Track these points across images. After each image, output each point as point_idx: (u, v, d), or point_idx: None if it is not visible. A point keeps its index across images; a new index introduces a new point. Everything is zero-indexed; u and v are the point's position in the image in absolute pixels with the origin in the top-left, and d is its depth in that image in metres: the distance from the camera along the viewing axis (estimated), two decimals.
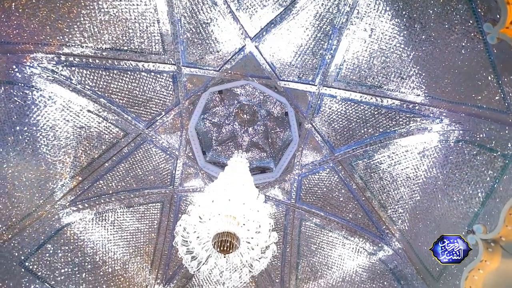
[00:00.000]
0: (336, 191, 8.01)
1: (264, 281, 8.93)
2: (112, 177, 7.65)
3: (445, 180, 5.75)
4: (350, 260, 7.98)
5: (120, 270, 7.86)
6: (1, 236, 5.84)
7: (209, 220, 4.27)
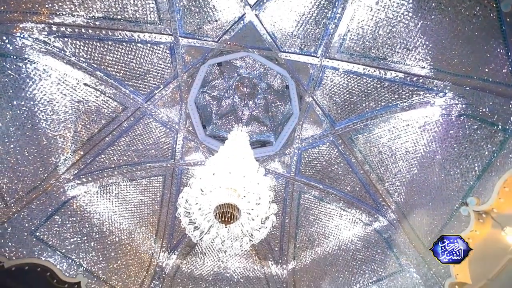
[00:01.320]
0: (335, 164, 8.12)
1: (264, 249, 9.42)
2: (114, 151, 7.72)
3: (444, 154, 5.80)
4: (346, 230, 8.34)
5: (126, 239, 8.26)
6: (10, 208, 6.05)
7: (210, 192, 4.38)
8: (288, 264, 9.20)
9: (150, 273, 8.53)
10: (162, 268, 8.79)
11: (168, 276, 8.77)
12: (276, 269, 9.22)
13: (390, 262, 7.15)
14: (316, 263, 8.66)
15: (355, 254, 7.95)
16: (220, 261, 9.28)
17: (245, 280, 9.11)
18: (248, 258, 9.44)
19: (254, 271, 9.27)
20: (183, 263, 9.13)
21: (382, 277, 7.11)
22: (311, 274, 8.62)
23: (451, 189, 5.68)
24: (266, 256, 9.40)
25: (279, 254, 9.34)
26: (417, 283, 6.41)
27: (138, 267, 8.31)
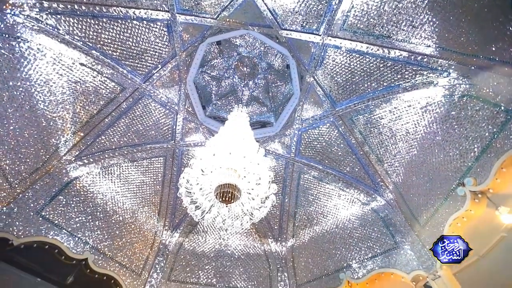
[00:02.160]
0: (335, 145, 8.14)
1: (264, 228, 9.71)
2: (114, 132, 7.72)
3: (444, 135, 5.80)
4: (344, 210, 8.54)
5: (130, 218, 8.49)
6: (15, 189, 6.16)
7: (211, 172, 4.43)
8: (287, 241, 9.53)
9: (154, 250, 8.86)
10: (166, 245, 9.12)
11: (172, 253, 9.12)
12: (276, 247, 9.56)
13: (386, 240, 7.39)
14: (314, 240, 8.96)
15: (352, 232, 8.20)
16: (221, 238, 9.61)
17: (245, 256, 9.47)
18: (249, 236, 9.76)
19: (254, 248, 9.62)
20: (185, 240, 9.46)
21: (377, 253, 7.38)
22: (309, 251, 8.95)
23: (449, 170, 5.74)
24: (266, 234, 9.71)
25: (279, 232, 9.64)
26: (410, 259, 6.66)
27: (142, 245, 8.61)
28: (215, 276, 8.93)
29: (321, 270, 8.30)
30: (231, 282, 8.88)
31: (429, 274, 6.14)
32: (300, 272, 8.81)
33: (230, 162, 4.40)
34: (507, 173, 4.74)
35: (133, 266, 8.12)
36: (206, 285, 8.71)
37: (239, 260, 9.38)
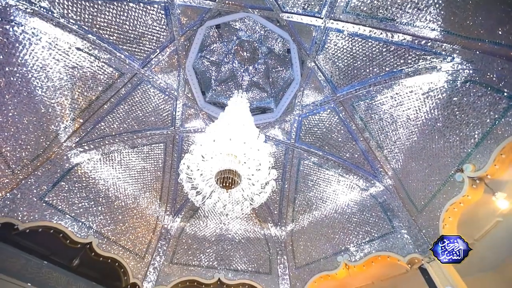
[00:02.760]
0: (335, 131, 8.13)
1: (264, 212, 9.88)
2: (113, 119, 7.69)
3: (445, 121, 5.77)
4: (343, 195, 8.65)
5: (132, 204, 8.62)
6: (17, 175, 6.21)
7: (211, 158, 4.45)
8: (287, 226, 9.73)
9: (156, 234, 9.07)
10: (168, 230, 9.32)
11: (174, 237, 9.34)
12: (275, 231, 9.77)
13: (383, 224, 7.54)
14: (313, 225, 9.15)
15: (350, 217, 8.35)
16: (222, 223, 9.81)
17: (245, 240, 9.71)
18: (249, 221, 9.95)
19: (254, 233, 9.84)
20: (187, 225, 9.66)
21: (374, 237, 7.55)
22: (308, 235, 9.16)
23: (448, 156, 5.77)
24: (266, 219, 9.90)
25: (278, 217, 9.82)
26: (407, 243, 6.83)
27: (145, 229, 8.80)
28: (216, 259, 9.19)
29: (320, 253, 8.53)
30: (232, 264, 9.16)
31: (425, 257, 6.32)
32: (299, 255, 9.06)
33: (230, 148, 4.41)
34: (506, 159, 4.76)
35: (137, 250, 8.34)
36: (207, 267, 8.98)
37: (239, 244, 9.62)
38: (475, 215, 6.19)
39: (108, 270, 8.05)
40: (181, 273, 8.69)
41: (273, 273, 9.03)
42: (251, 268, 9.14)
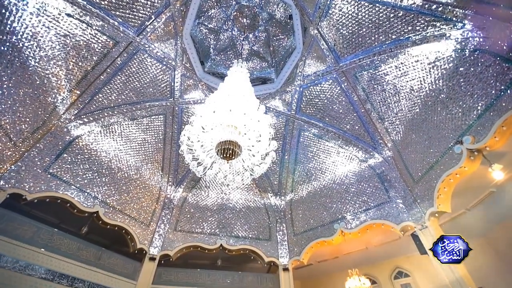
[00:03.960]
0: (336, 103, 8.02)
1: (264, 183, 10.13)
2: (111, 90, 7.54)
3: (449, 92, 5.66)
4: (342, 166, 8.79)
5: (134, 175, 8.80)
6: (19, 148, 6.26)
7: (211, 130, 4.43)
8: (286, 196, 10.04)
9: (160, 204, 9.39)
10: (171, 199, 9.63)
11: (177, 206, 9.68)
12: (275, 200, 10.11)
13: (380, 194, 7.76)
14: (312, 195, 9.43)
15: (348, 188, 8.57)
16: (223, 193, 10.10)
17: (246, 209, 10.08)
18: (249, 191, 10.24)
19: (254, 202, 10.18)
20: (189, 195, 9.96)
21: (370, 207, 7.83)
22: (306, 205, 9.49)
23: (449, 128, 5.75)
24: (266, 189, 10.18)
25: (278, 187, 10.09)
26: (401, 211, 7.09)
27: (149, 199, 9.10)
28: (218, 227, 9.62)
29: (317, 221, 8.91)
30: (233, 231, 9.61)
31: (417, 225, 6.60)
32: (298, 223, 9.47)
33: (230, 119, 4.37)
34: (507, 131, 4.75)
35: (142, 218, 8.69)
36: (210, 234, 9.44)
37: (240, 213, 10.01)
38: (470, 185, 6.34)
39: (116, 236, 8.49)
40: (185, 239, 9.16)
41: (273, 239, 9.52)
42: (251, 235, 9.61)
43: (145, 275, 8.08)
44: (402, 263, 9.92)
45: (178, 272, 8.72)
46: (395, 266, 10.04)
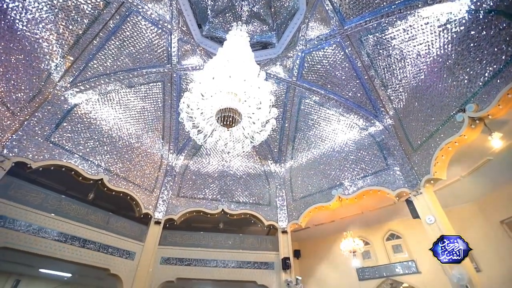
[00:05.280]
0: (339, 69, 7.77)
1: (264, 150, 10.25)
2: (105, 56, 7.26)
3: (457, 58, 5.44)
4: (343, 134, 8.81)
5: (135, 143, 8.87)
6: (18, 117, 6.20)
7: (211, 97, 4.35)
8: (286, 163, 10.23)
9: (162, 171, 9.61)
10: (172, 167, 9.83)
11: (179, 173, 9.91)
12: (275, 167, 10.33)
13: (378, 162, 7.89)
14: (311, 162, 9.60)
15: (347, 155, 8.69)
16: (224, 160, 10.29)
17: (246, 176, 10.34)
18: (250, 158, 10.41)
19: (255, 169, 10.41)
20: (190, 163, 10.15)
21: (368, 174, 8.01)
22: (306, 172, 9.71)
23: (453, 95, 5.63)
24: (266, 156, 10.34)
25: (278, 155, 10.24)
26: (398, 178, 7.27)
27: (151, 167, 9.28)
28: (219, 193, 9.97)
29: (316, 188, 9.19)
30: (234, 197, 9.97)
31: (413, 191, 6.81)
32: (297, 189, 9.78)
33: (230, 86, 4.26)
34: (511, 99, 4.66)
35: (145, 185, 8.96)
36: (212, 199, 9.81)
37: (241, 179, 10.29)
38: (468, 153, 6.41)
39: (122, 202, 8.83)
40: (188, 204, 9.54)
41: (272, 204, 9.91)
42: (251, 201, 9.99)
43: (152, 237, 8.57)
44: (394, 226, 10.46)
45: (183, 234, 9.25)
46: (388, 229, 10.60)
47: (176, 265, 8.48)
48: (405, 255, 9.79)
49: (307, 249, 11.96)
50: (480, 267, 7.80)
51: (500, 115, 4.98)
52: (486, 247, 7.96)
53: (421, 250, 9.24)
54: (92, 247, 7.11)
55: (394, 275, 9.55)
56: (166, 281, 8.14)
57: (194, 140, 4.92)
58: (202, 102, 4.38)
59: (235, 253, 8.98)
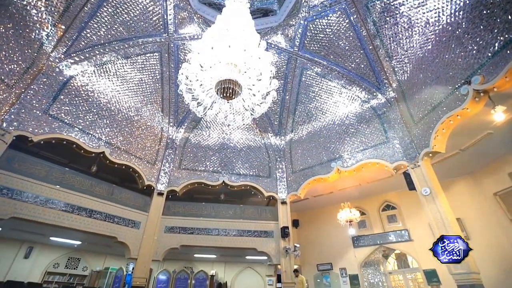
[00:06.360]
0: (343, 38, 7.45)
1: (264, 123, 10.21)
2: (98, 24, 6.92)
3: (467, 26, 5.18)
4: (344, 107, 8.71)
5: (135, 116, 8.79)
6: (13, 89, 6.07)
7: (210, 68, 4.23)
8: (286, 136, 10.25)
9: (163, 144, 9.66)
10: (173, 140, 9.87)
11: (179, 146, 9.98)
12: (275, 140, 10.37)
13: (378, 135, 7.90)
14: (311, 135, 9.62)
15: (348, 128, 8.67)
16: (224, 133, 10.30)
17: (247, 148, 10.42)
18: (250, 131, 10.42)
19: (255, 141, 10.46)
20: (190, 135, 10.17)
21: (368, 146, 8.05)
22: (306, 145, 9.76)
23: (460, 66, 5.45)
24: (266, 129, 10.33)
25: (278, 127, 10.23)
26: (397, 152, 7.32)
27: (152, 140, 9.31)
28: (220, 165, 10.12)
29: (315, 160, 9.31)
30: (235, 169, 10.14)
31: (411, 164, 6.89)
32: (296, 161, 9.92)
33: (229, 56, 4.12)
34: None
35: (147, 158, 9.07)
36: (213, 171, 9.99)
37: (241, 152, 10.38)
38: (469, 127, 6.37)
39: (125, 175, 9.01)
40: (190, 176, 9.74)
41: (272, 176, 10.12)
42: (252, 173, 10.18)
43: (155, 208, 8.89)
44: (390, 198, 10.78)
45: (185, 205, 9.58)
46: (384, 200, 10.94)
47: (180, 233, 8.89)
48: (399, 225, 10.22)
49: (306, 219, 12.46)
50: (470, 236, 8.17)
51: (506, 88, 4.86)
52: (477, 217, 8.28)
53: (415, 220, 9.63)
54: (98, 217, 7.40)
55: (387, 242, 10.05)
56: (170, 248, 8.60)
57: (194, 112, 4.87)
58: (201, 73, 4.26)
59: (236, 222, 9.37)
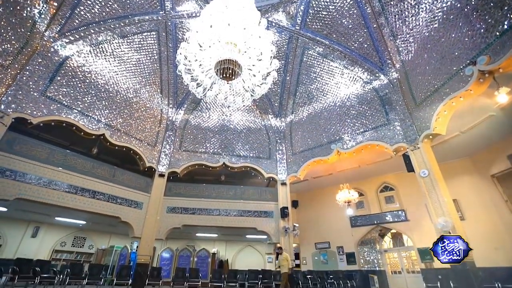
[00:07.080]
0: (347, 16, 7.18)
1: (264, 104, 10.11)
2: (92, 1, 6.64)
3: (477, 3, 4.96)
4: (345, 88, 8.58)
5: (134, 98, 8.68)
6: (9, 70, 5.95)
7: (209, 47, 4.11)
8: (286, 117, 10.19)
9: (163, 126, 9.63)
10: (173, 122, 9.82)
11: (179, 128, 9.95)
12: (275, 122, 10.32)
13: (379, 117, 7.85)
14: (312, 117, 9.56)
15: (349, 110, 8.59)
16: (224, 115, 10.23)
17: (247, 130, 10.40)
18: (250, 112, 10.34)
19: (255, 123, 10.42)
20: (190, 117, 10.11)
21: (368, 128, 8.03)
22: (306, 126, 9.73)
23: (466, 46, 5.29)
24: (267, 111, 10.25)
25: (279, 109, 10.14)
26: (397, 133, 7.31)
27: (151, 122, 9.27)
28: (220, 147, 10.15)
29: (316, 142, 9.32)
30: (235, 151, 10.19)
31: (410, 146, 6.91)
32: (296, 143, 9.94)
33: (229, 35, 3.99)
34: None
35: (147, 140, 9.08)
36: (213, 153, 10.04)
37: (241, 133, 10.38)
38: (471, 109, 6.31)
39: (125, 156, 9.06)
40: (190, 158, 9.80)
41: (272, 158, 10.18)
42: (252, 154, 10.24)
43: (157, 189, 9.03)
44: (389, 179, 10.91)
45: (186, 186, 9.73)
46: (382, 182, 11.08)
47: (182, 213, 9.10)
48: (396, 205, 10.43)
49: (305, 199, 12.69)
50: (465, 216, 8.36)
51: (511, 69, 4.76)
52: (474, 198, 8.42)
53: (412, 201, 9.81)
54: (101, 197, 7.55)
55: (384, 222, 10.31)
56: (173, 227, 8.84)
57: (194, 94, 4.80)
58: (200, 53, 4.15)
59: (236, 203, 9.55)
